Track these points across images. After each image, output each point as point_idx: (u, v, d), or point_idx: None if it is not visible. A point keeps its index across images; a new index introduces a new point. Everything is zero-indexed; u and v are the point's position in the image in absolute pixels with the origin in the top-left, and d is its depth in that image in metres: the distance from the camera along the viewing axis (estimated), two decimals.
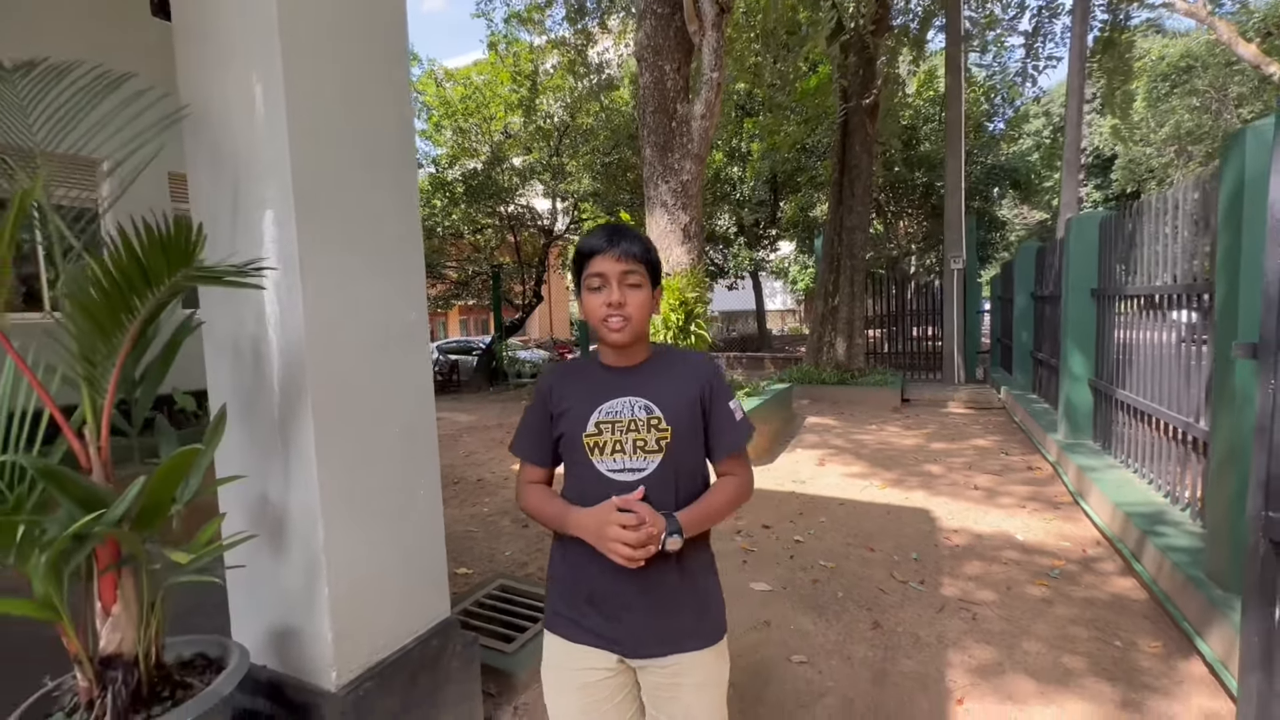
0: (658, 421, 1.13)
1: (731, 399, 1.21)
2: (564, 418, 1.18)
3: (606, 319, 1.12)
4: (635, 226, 1.52)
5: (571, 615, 1.17)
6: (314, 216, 1.43)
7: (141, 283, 1.10)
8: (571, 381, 1.22)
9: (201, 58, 1.49)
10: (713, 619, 1.19)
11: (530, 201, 14.54)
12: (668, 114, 5.56)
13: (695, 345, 5.38)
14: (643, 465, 1.13)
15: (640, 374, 1.19)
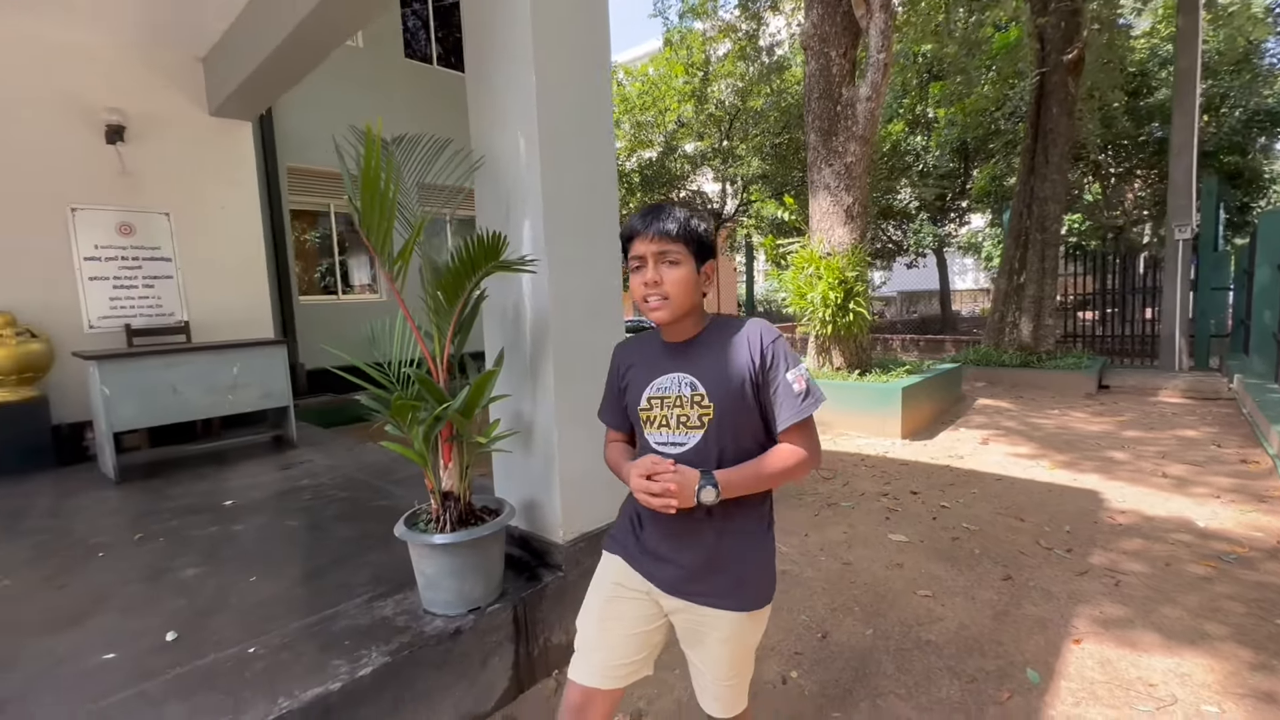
0: (701, 398, 1.16)
1: (792, 368, 1.17)
2: (627, 391, 1.28)
3: (646, 298, 1.16)
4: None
5: (624, 541, 1.30)
6: (554, 224, 2.15)
7: (470, 269, 1.88)
8: (634, 357, 1.30)
9: (488, 124, 2.28)
10: (752, 589, 1.21)
11: (700, 186, 15.15)
12: (832, 99, 5.75)
13: (854, 323, 5.58)
14: (684, 440, 1.18)
15: (691, 349, 1.22)
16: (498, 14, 2.18)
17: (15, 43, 4.36)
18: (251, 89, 4.71)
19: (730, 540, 1.19)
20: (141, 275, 4.99)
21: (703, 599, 1.19)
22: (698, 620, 1.21)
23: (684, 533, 1.19)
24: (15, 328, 4.18)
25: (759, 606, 1.22)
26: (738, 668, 1.26)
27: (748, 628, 1.23)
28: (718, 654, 1.23)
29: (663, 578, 1.21)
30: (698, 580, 1.19)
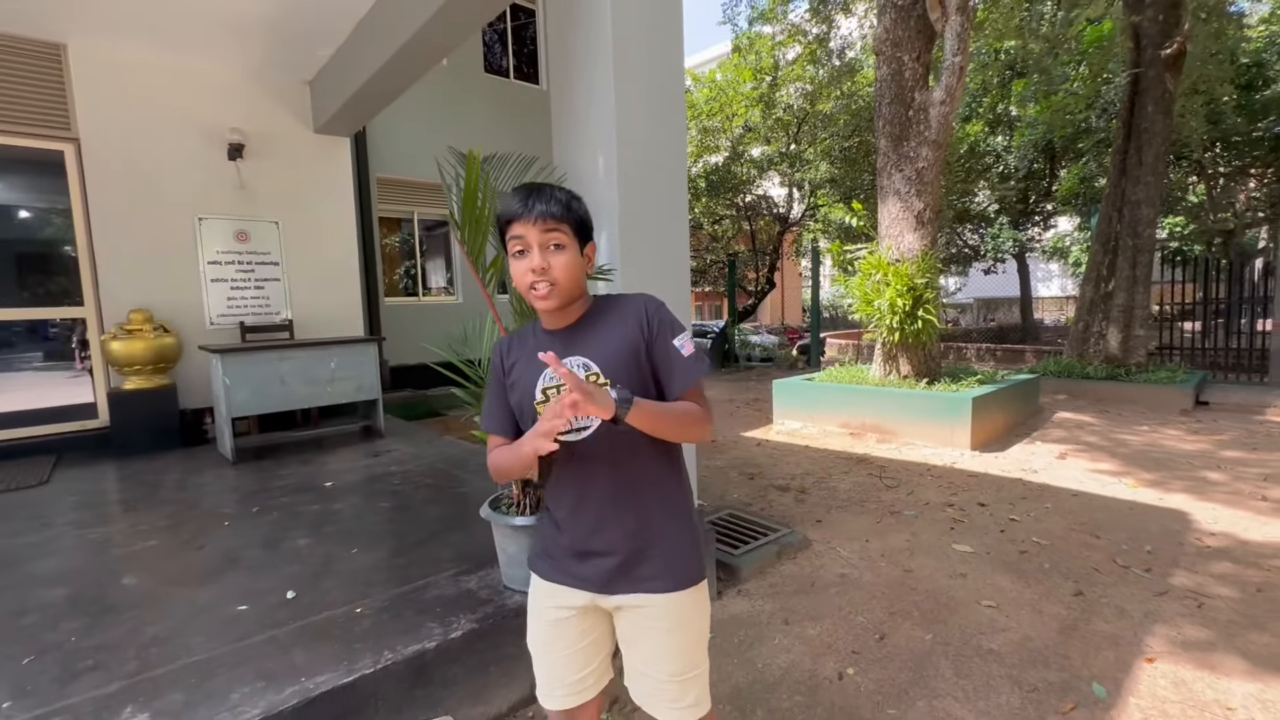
0: (595, 377, 1.13)
1: (679, 335, 1.16)
2: (515, 389, 1.20)
3: (532, 286, 1.10)
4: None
5: (548, 556, 1.24)
6: (629, 236, 2.32)
7: None
8: (517, 353, 1.22)
9: (571, 144, 2.48)
10: (684, 565, 1.19)
11: (766, 191, 15.08)
12: (904, 103, 5.68)
13: (923, 330, 5.49)
14: (587, 423, 1.14)
15: (577, 332, 1.18)
16: (580, 46, 2.38)
17: (159, 72, 4.96)
18: (351, 109, 5.16)
19: (658, 518, 1.18)
20: (254, 278, 5.55)
21: (641, 585, 1.17)
22: (639, 612, 1.18)
23: (611, 519, 1.16)
24: (152, 323, 4.75)
25: (696, 581, 1.20)
26: (691, 659, 1.20)
27: (691, 610, 1.19)
28: (667, 645, 1.18)
29: (594, 576, 1.18)
30: (631, 566, 1.16)
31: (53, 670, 1.80)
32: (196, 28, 4.59)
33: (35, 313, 4.84)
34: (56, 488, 3.82)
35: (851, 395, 5.89)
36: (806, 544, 3.37)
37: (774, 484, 4.51)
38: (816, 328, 12.68)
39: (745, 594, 2.85)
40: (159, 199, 5.04)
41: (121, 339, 4.61)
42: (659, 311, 1.18)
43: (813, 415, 6.20)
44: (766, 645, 2.43)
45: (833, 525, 3.67)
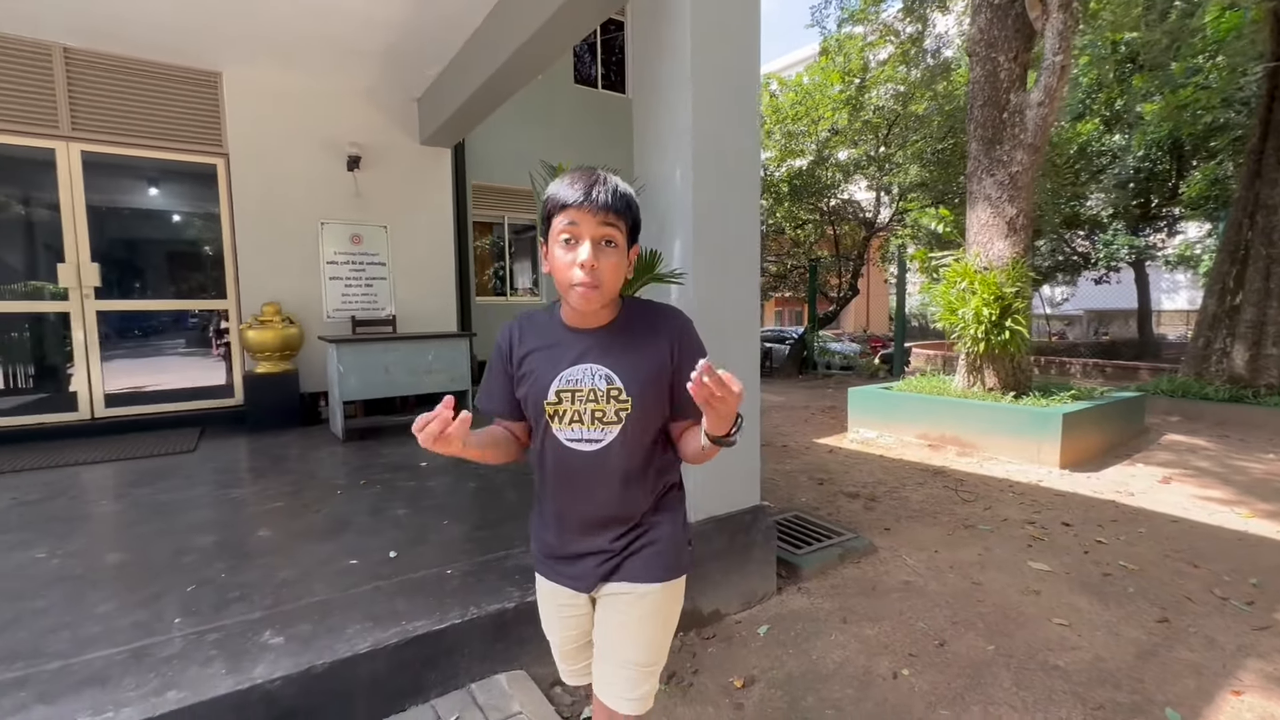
0: (618, 393, 1.09)
1: (703, 355, 1.11)
2: (525, 381, 1.15)
3: (577, 284, 1.03)
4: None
5: (546, 560, 1.26)
6: (702, 243, 2.47)
7: (633, 280, 2.25)
8: (533, 342, 1.16)
9: (650, 155, 2.66)
10: (667, 559, 1.19)
11: (852, 195, 14.70)
12: (998, 106, 5.47)
13: (1010, 341, 5.26)
14: (600, 436, 1.11)
15: (604, 338, 1.12)
16: (662, 66, 2.56)
17: (293, 95, 5.62)
18: (454, 122, 5.61)
19: (649, 515, 1.19)
20: (364, 276, 6.14)
21: (626, 576, 1.17)
22: (618, 599, 1.18)
23: (603, 516, 1.17)
24: (281, 315, 5.39)
25: (676, 575, 1.21)
26: (655, 651, 1.20)
27: (665, 602, 1.19)
28: (635, 633, 1.17)
29: (585, 576, 1.19)
30: (618, 559, 1.17)
31: (210, 598, 2.18)
32: (326, 55, 5.17)
33: (189, 304, 5.61)
34: (202, 455, 4.44)
35: (931, 406, 5.73)
36: (872, 550, 3.38)
37: (844, 491, 4.50)
38: (901, 336, 12.25)
39: (805, 592, 2.92)
40: (289, 205, 5.70)
41: (256, 328, 5.26)
42: (690, 332, 1.17)
43: (889, 425, 6.07)
44: (822, 640, 2.50)
45: (901, 534, 3.64)
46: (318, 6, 4.32)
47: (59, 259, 5.01)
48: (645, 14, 2.66)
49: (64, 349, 5.10)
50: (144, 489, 3.56)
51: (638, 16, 2.72)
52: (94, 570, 2.44)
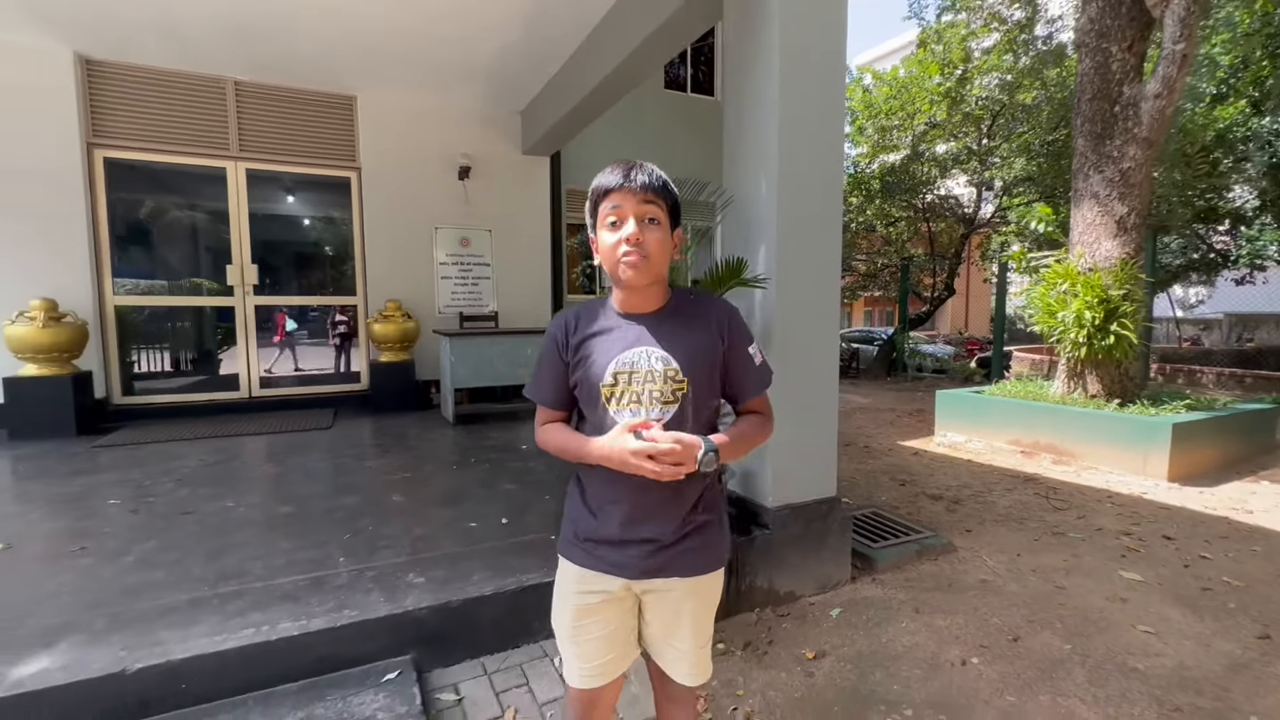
0: (675, 374, 1.14)
1: (751, 343, 1.23)
2: (580, 366, 1.19)
3: (624, 256, 1.10)
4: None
5: (582, 543, 1.23)
6: (785, 249, 2.67)
7: (718, 284, 2.50)
8: (588, 328, 1.21)
9: (738, 168, 2.89)
10: (713, 551, 1.25)
11: (950, 191, 14.08)
12: (1109, 99, 5.21)
13: (1115, 346, 5.01)
14: (658, 416, 1.15)
15: (657, 322, 1.18)
16: (750, 87, 2.77)
17: (413, 113, 6.27)
18: (553, 133, 6.05)
19: (698, 509, 1.22)
20: (471, 275, 6.74)
21: (675, 572, 1.21)
22: (670, 594, 1.22)
23: (659, 510, 1.18)
24: (401, 311, 6.05)
25: (718, 566, 1.26)
26: (708, 630, 1.29)
27: (712, 589, 1.27)
28: (690, 621, 1.24)
29: (632, 564, 1.20)
30: (668, 554, 1.20)
31: (362, 545, 2.64)
32: (443, 77, 5.74)
33: (327, 300, 6.42)
34: (338, 431, 5.12)
35: (1026, 411, 5.54)
36: (950, 549, 3.43)
37: (926, 492, 4.51)
38: (1000, 339, 11.62)
39: (879, 583, 3.04)
40: (408, 212, 6.37)
41: (380, 322, 5.94)
42: (736, 317, 1.23)
43: (979, 429, 5.93)
44: (893, 626, 2.63)
45: (983, 536, 3.65)
46: (439, 35, 4.85)
47: (227, 261, 5.90)
48: (734, 40, 2.88)
49: (229, 338, 6.01)
50: (296, 457, 4.20)
51: (728, 47, 2.95)
52: (271, 518, 3.00)
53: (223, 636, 1.89)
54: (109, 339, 5.43)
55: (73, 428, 4.82)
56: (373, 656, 2.00)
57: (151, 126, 5.45)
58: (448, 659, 2.11)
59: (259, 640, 1.89)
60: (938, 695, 2.17)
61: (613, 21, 4.40)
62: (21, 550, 2.60)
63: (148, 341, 5.96)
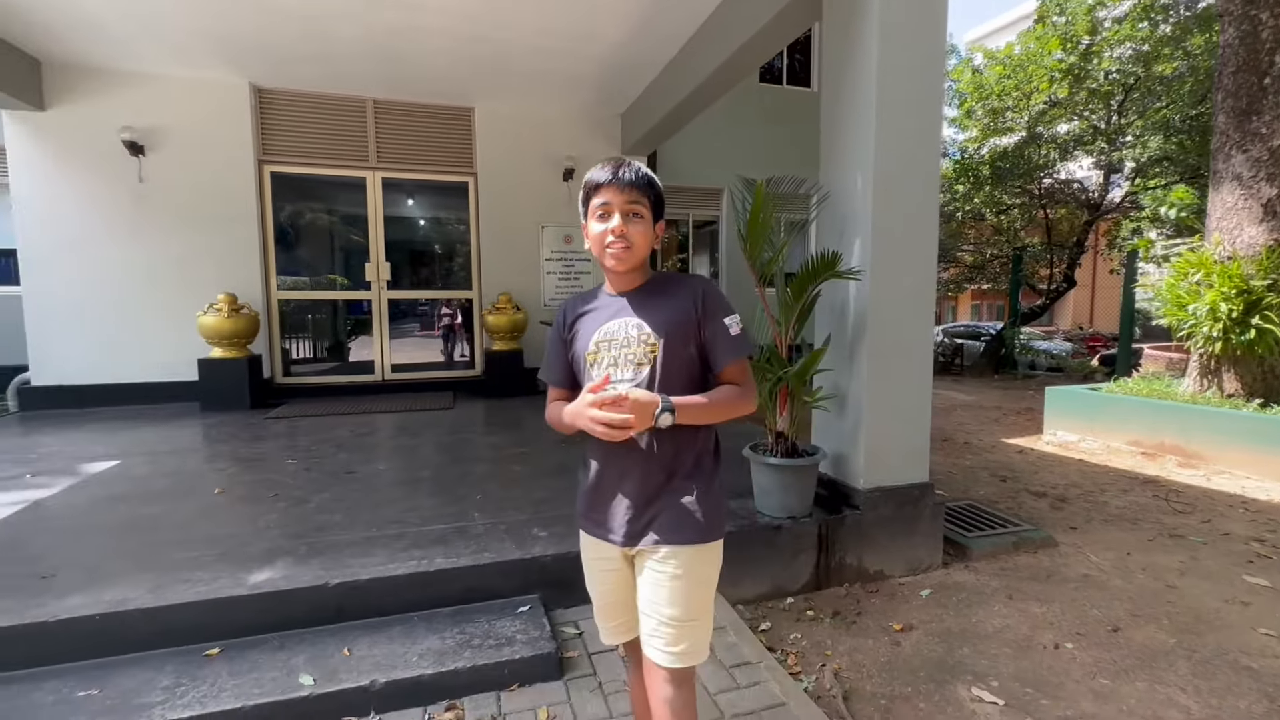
0: (647, 337, 1.24)
1: (729, 315, 1.28)
2: (574, 340, 1.33)
3: (609, 246, 1.23)
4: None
5: (589, 514, 1.36)
6: (879, 244, 2.79)
7: (812, 277, 2.67)
8: (581, 308, 1.35)
9: (834, 166, 3.03)
10: (701, 524, 1.26)
11: (1071, 174, 13.03)
12: (1257, 71, 4.75)
13: (1257, 341, 4.60)
14: (631, 376, 1.24)
15: (637, 297, 1.30)
16: (848, 89, 2.90)
17: (522, 120, 6.78)
18: (653, 133, 6.34)
19: (679, 479, 1.26)
20: (573, 270, 7.19)
21: (658, 536, 1.24)
22: (650, 557, 1.26)
23: (638, 476, 1.25)
24: (511, 303, 6.59)
25: (706, 540, 1.27)
26: (691, 608, 1.25)
27: (698, 564, 1.26)
28: (668, 590, 1.24)
29: (619, 529, 1.28)
30: (646, 517, 1.26)
31: (492, 504, 3.06)
32: (550, 87, 6.18)
33: (447, 294, 7.10)
34: (458, 412, 5.71)
35: (1150, 410, 5.19)
36: (1051, 543, 3.39)
37: (1029, 489, 4.40)
38: (1128, 335, 10.68)
39: (972, 570, 3.09)
40: (517, 212, 6.90)
41: (493, 314, 6.51)
42: (711, 291, 1.30)
43: (1094, 428, 5.61)
44: (984, 609, 2.70)
45: (1090, 534, 3.56)
46: (549, 48, 5.26)
47: (363, 259, 6.68)
48: (832, 42, 3.02)
49: (363, 328, 6.82)
50: (427, 432, 4.78)
51: (826, 49, 3.08)
52: (414, 480, 3.50)
53: (394, 565, 2.33)
54: (274, 327, 6.35)
55: (247, 402, 5.71)
56: (508, 592, 2.38)
57: (307, 143, 6.29)
58: (568, 601, 2.45)
59: (420, 570, 2.31)
60: (1026, 672, 2.25)
61: (712, 27, 4.60)
62: (231, 495, 3.24)
63: (298, 330, 6.89)
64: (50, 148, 5.56)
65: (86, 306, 5.71)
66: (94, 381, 5.77)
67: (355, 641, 2.08)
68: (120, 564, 2.35)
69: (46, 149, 5.55)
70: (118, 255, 5.75)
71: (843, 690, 2.13)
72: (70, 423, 5.12)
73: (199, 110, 5.84)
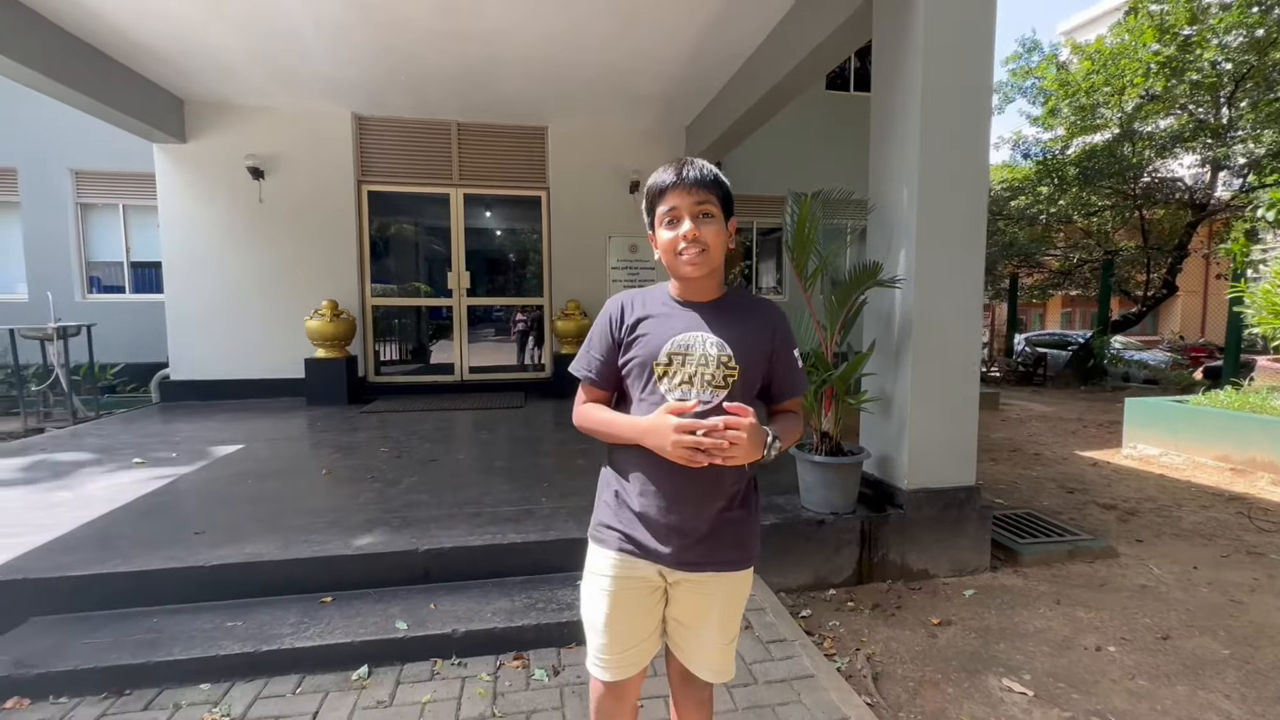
0: (729, 359, 1.16)
1: (796, 348, 1.27)
2: (635, 344, 1.20)
3: (682, 252, 1.14)
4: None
5: (617, 527, 1.24)
6: (924, 252, 2.90)
7: (856, 285, 2.83)
8: (646, 309, 1.23)
9: (881, 180, 3.17)
10: (749, 548, 1.25)
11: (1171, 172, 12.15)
12: None
13: None
14: (708, 399, 1.15)
15: (714, 311, 1.20)
16: (893, 105, 3.04)
17: (591, 136, 7.17)
18: (717, 145, 6.56)
19: (735, 502, 1.23)
20: (638, 279, 7.50)
21: (710, 566, 1.21)
22: (702, 587, 1.23)
23: (694, 499, 1.18)
24: (579, 310, 6.97)
25: (752, 563, 1.27)
26: (735, 629, 1.30)
27: (744, 587, 1.28)
28: (719, 617, 1.25)
29: (669, 552, 1.19)
30: (704, 547, 1.20)
31: (557, 491, 3.37)
32: (617, 104, 6.53)
33: (522, 301, 7.59)
34: (529, 410, 6.12)
35: (1242, 424, 4.89)
36: (1110, 553, 3.34)
37: (1097, 501, 4.29)
38: (1235, 345, 9.84)
39: (1021, 575, 3.12)
40: (586, 224, 7.29)
41: (562, 320, 6.91)
42: (786, 322, 1.27)
43: (1178, 443, 5.33)
44: (1028, 611, 2.75)
45: (1156, 547, 3.47)
46: (618, 69, 5.59)
47: (444, 269, 7.26)
48: (879, 65, 3.16)
49: (442, 332, 7.40)
50: (501, 428, 5.20)
51: (874, 71, 3.23)
52: (489, 468, 3.88)
53: (472, 538, 2.68)
54: (368, 331, 7.02)
55: (345, 398, 6.36)
56: (569, 567, 2.67)
57: (399, 163, 6.94)
58: None
59: (495, 543, 2.64)
60: (1062, 670, 2.31)
61: (770, 46, 4.79)
62: (336, 476, 3.73)
63: (387, 334, 7.56)
64: (189, 174, 6.43)
65: (215, 312, 6.54)
66: (219, 377, 6.60)
67: (439, 599, 2.43)
68: (252, 526, 2.82)
69: (187, 175, 6.43)
70: (240, 267, 6.56)
71: (873, 671, 2.28)
72: (201, 412, 5.90)
73: (309, 137, 6.58)
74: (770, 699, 2.01)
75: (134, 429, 5.18)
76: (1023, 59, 12.87)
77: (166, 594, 2.37)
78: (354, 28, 4.76)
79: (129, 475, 3.71)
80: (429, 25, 4.72)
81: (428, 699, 1.99)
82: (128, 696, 1.98)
